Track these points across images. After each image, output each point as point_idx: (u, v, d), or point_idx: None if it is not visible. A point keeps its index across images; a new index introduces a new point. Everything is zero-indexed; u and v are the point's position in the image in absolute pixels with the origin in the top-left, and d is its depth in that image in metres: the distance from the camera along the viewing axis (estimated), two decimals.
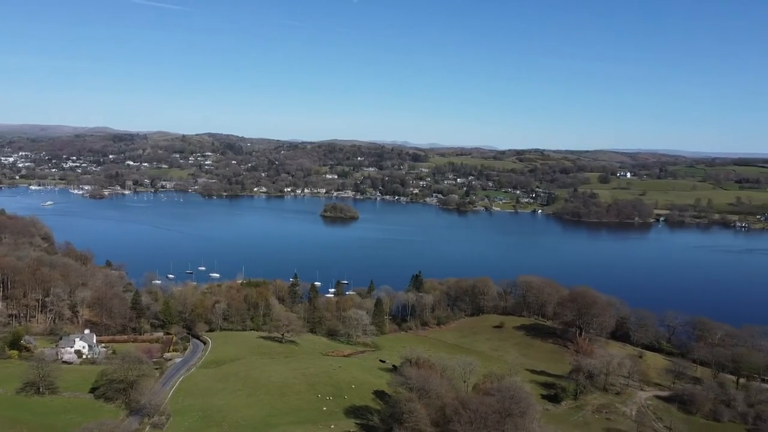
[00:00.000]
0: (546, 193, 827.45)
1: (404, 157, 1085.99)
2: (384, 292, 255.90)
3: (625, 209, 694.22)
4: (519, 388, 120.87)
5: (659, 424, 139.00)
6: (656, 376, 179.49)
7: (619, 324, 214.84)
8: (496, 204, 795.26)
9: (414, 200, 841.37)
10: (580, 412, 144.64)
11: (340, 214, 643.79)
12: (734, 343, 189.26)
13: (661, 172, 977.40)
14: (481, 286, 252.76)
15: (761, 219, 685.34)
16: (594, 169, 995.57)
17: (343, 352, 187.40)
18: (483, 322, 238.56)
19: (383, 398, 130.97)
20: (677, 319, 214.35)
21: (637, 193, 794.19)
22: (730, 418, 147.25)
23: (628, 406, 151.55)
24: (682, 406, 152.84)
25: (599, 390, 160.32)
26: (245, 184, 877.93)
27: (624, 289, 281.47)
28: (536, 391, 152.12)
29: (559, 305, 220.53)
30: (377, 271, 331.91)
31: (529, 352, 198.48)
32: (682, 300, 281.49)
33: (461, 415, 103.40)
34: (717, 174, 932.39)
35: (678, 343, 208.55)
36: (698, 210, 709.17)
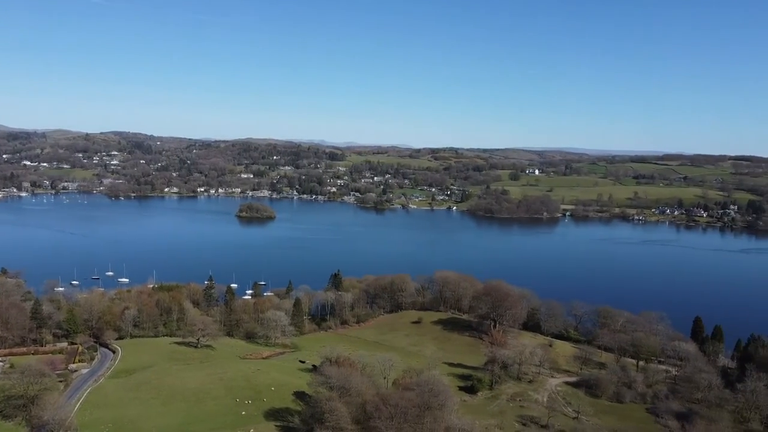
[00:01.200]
0: (460, 190, 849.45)
1: (321, 156, 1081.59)
2: (303, 292, 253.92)
3: (534, 205, 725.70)
4: (437, 382, 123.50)
5: (568, 409, 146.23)
6: (565, 363, 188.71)
7: (530, 315, 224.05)
8: (412, 202, 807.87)
9: (332, 199, 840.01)
10: (495, 402, 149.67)
11: (257, 214, 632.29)
12: (634, 328, 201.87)
13: (566, 169, 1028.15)
14: (399, 282, 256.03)
15: (656, 212, 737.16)
16: (505, 166, 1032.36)
17: (261, 355, 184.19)
18: (402, 318, 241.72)
19: (304, 399, 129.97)
20: (583, 309, 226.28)
21: (545, 190, 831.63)
22: (632, 398, 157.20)
23: (540, 393, 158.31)
24: (588, 390, 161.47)
25: (513, 379, 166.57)
26: (155, 184, 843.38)
27: (535, 281, 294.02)
28: (454, 383, 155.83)
29: (475, 299, 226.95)
30: (296, 271, 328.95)
31: (447, 346, 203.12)
32: (588, 290, 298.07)
33: (382, 411, 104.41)
34: (617, 171, 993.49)
35: (584, 331, 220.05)
36: (600, 204, 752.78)
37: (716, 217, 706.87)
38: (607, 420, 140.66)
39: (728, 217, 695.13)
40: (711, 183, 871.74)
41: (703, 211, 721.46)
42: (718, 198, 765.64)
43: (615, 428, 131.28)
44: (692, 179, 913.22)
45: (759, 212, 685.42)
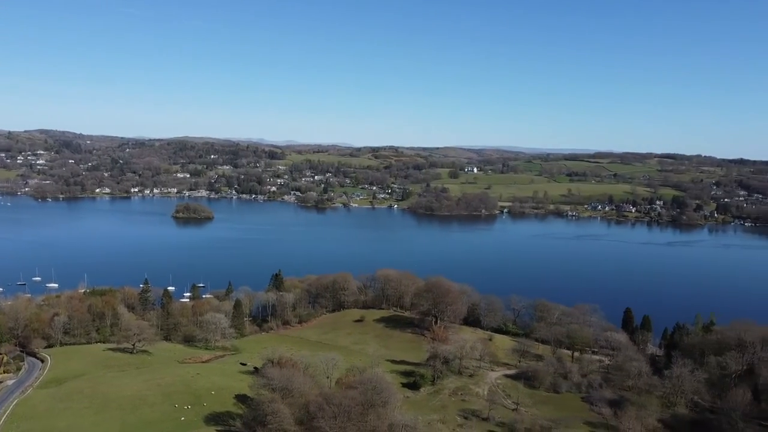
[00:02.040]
0: (401, 188, 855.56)
1: (260, 155, 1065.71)
2: (243, 293, 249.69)
3: (473, 202, 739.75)
4: (380, 379, 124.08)
5: (508, 401, 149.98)
6: (504, 356, 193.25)
7: (470, 310, 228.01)
8: (353, 200, 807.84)
9: (272, 198, 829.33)
10: (438, 397, 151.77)
11: (194, 215, 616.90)
12: (569, 321, 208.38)
13: (503, 167, 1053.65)
14: (341, 281, 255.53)
15: (588, 208, 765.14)
16: (444, 165, 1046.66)
17: (201, 358, 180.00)
18: (344, 317, 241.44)
19: (245, 402, 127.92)
20: (521, 303, 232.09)
21: (483, 187, 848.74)
22: (567, 388, 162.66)
23: (480, 386, 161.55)
24: (527, 382, 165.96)
25: (455, 374, 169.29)
26: (85, 185, 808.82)
27: (474, 277, 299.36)
28: (397, 380, 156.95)
29: (416, 296, 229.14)
30: (236, 272, 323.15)
31: (389, 343, 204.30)
32: (525, 284, 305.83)
33: (325, 410, 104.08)
34: (551, 168, 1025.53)
35: (522, 325, 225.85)
36: (536, 201, 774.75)
37: (644, 212, 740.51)
38: (545, 410, 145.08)
39: (655, 212, 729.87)
40: (639, 180, 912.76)
41: (631, 207, 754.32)
42: (645, 194, 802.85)
43: (552, 418, 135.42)
44: (622, 176, 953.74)
45: (682, 207, 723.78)
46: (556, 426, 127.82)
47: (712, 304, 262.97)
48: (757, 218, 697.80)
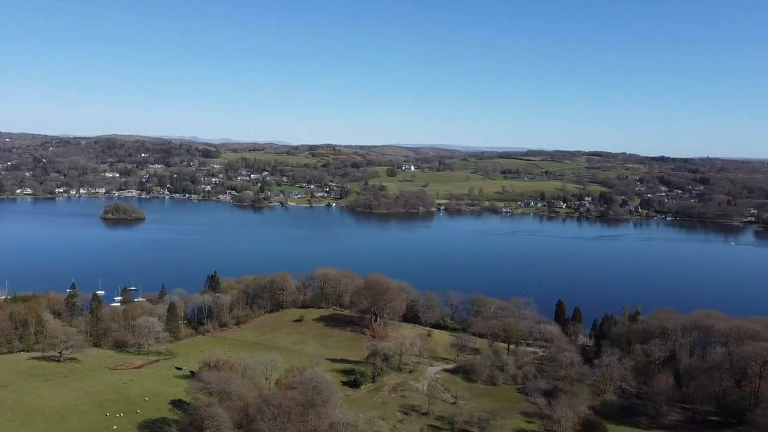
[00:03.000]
0: (339, 187, 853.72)
1: (194, 153, 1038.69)
2: (177, 296, 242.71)
3: (411, 200, 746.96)
4: (320, 378, 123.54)
5: (447, 395, 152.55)
6: (443, 351, 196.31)
7: (409, 307, 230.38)
8: (291, 199, 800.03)
9: (206, 198, 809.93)
10: (378, 394, 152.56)
11: (124, 216, 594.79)
12: (504, 314, 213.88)
13: (440, 165, 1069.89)
14: (279, 281, 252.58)
15: (521, 204, 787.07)
16: (382, 163, 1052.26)
17: (133, 364, 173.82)
18: (283, 317, 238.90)
19: (181, 407, 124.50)
20: (458, 298, 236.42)
21: (420, 185, 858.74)
22: (504, 380, 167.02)
23: (420, 381, 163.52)
24: (465, 376, 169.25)
25: (394, 370, 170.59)
26: (4, 185, 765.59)
27: (413, 273, 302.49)
28: (337, 378, 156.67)
29: (356, 294, 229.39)
30: (169, 274, 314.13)
31: (329, 342, 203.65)
32: (462, 280, 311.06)
33: (264, 412, 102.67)
34: (486, 166, 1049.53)
35: (460, 319, 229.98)
36: (472, 198, 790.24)
37: (574, 207, 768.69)
38: (482, 402, 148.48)
39: (584, 208, 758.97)
40: (569, 177, 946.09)
41: (562, 203, 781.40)
42: (575, 190, 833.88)
43: (489, 410, 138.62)
44: (553, 173, 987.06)
45: (609, 203, 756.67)
46: (493, 417, 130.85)
47: (638, 294, 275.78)
48: (677, 212, 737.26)
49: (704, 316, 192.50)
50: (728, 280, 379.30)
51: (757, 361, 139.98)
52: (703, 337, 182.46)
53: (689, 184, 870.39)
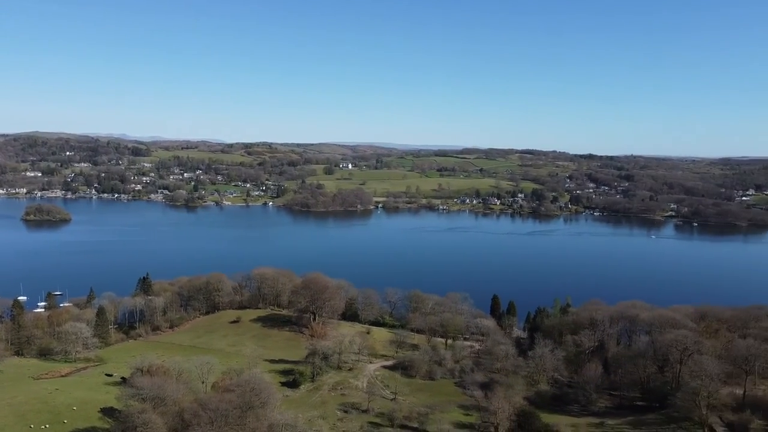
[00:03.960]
0: (276, 185, 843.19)
1: (123, 152, 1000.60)
2: (107, 300, 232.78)
3: (349, 198, 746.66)
4: (258, 380, 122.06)
5: (386, 391, 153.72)
6: (382, 348, 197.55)
7: (348, 305, 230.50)
8: (226, 198, 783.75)
9: (137, 197, 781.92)
10: (318, 393, 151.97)
11: (48, 217, 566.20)
12: (442, 310, 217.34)
13: (377, 163, 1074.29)
14: (215, 282, 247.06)
15: (457, 202, 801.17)
16: (319, 161, 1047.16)
17: (60, 372, 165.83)
18: (219, 319, 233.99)
19: (112, 415, 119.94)
20: (397, 295, 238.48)
21: (358, 183, 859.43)
22: (442, 375, 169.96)
23: (359, 379, 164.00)
24: (404, 372, 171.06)
25: (334, 369, 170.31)
26: None
27: (351, 272, 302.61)
28: (276, 379, 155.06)
29: (294, 293, 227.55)
30: (98, 277, 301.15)
31: (267, 343, 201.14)
32: (400, 277, 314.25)
33: (201, 416, 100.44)
34: (422, 164, 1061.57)
35: (398, 316, 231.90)
36: (409, 196, 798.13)
37: (507, 204, 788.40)
38: (421, 397, 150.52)
39: (517, 205, 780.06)
40: (502, 174, 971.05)
41: (496, 200, 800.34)
42: (508, 187, 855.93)
43: (428, 404, 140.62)
44: (487, 171, 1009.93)
45: (541, 199, 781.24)
46: (431, 412, 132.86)
47: (569, 287, 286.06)
48: (604, 208, 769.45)
49: (630, 306, 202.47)
50: (650, 271, 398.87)
51: (678, 347, 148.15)
52: (628, 326, 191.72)
53: (615, 180, 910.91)
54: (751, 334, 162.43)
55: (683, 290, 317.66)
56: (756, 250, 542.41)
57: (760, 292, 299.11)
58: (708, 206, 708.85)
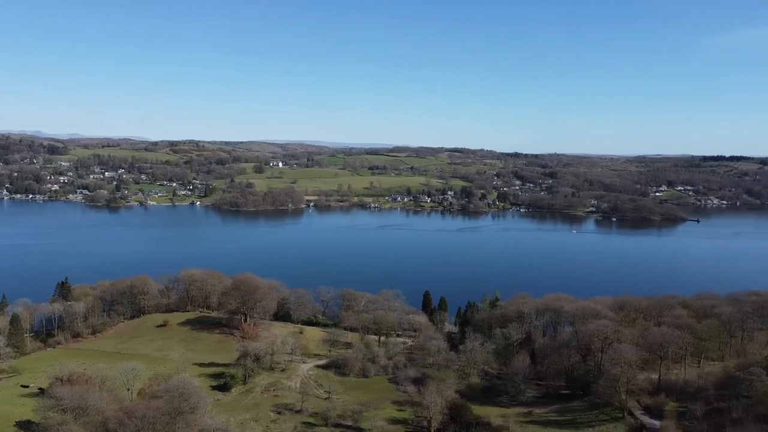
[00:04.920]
0: (203, 184, 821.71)
1: (38, 150, 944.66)
2: (22, 307, 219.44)
3: (280, 197, 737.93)
4: (188, 384, 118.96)
5: (320, 390, 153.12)
6: (315, 347, 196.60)
7: (280, 305, 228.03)
8: (151, 198, 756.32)
9: (54, 198, 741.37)
10: (250, 395, 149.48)
11: None
12: (375, 307, 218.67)
13: (308, 161, 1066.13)
14: (140, 285, 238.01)
15: (389, 200, 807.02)
16: (249, 159, 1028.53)
17: None
18: (145, 323, 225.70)
19: (29, 429, 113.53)
20: (329, 294, 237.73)
21: (289, 182, 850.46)
22: (376, 372, 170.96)
23: (292, 379, 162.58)
24: (338, 370, 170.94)
25: (266, 370, 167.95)
26: None
27: (283, 271, 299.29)
28: (206, 383, 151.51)
29: (224, 295, 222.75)
30: (11, 282, 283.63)
31: (197, 346, 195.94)
32: (333, 275, 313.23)
33: (127, 425, 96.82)
34: (354, 162, 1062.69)
35: (331, 315, 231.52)
36: (341, 194, 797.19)
37: (438, 201, 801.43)
38: (355, 395, 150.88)
39: (447, 202, 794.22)
40: (433, 172, 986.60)
41: (427, 197, 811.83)
42: (438, 185, 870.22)
43: (362, 402, 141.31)
44: (417, 169, 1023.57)
45: (470, 196, 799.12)
46: (365, 409, 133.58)
47: (497, 282, 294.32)
48: (530, 204, 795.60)
49: (555, 299, 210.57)
50: (574, 265, 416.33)
51: (599, 337, 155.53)
52: (554, 318, 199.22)
53: (540, 178, 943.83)
54: (665, 322, 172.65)
55: (604, 282, 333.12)
56: (668, 242, 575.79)
57: (672, 282, 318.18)
58: (625, 202, 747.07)
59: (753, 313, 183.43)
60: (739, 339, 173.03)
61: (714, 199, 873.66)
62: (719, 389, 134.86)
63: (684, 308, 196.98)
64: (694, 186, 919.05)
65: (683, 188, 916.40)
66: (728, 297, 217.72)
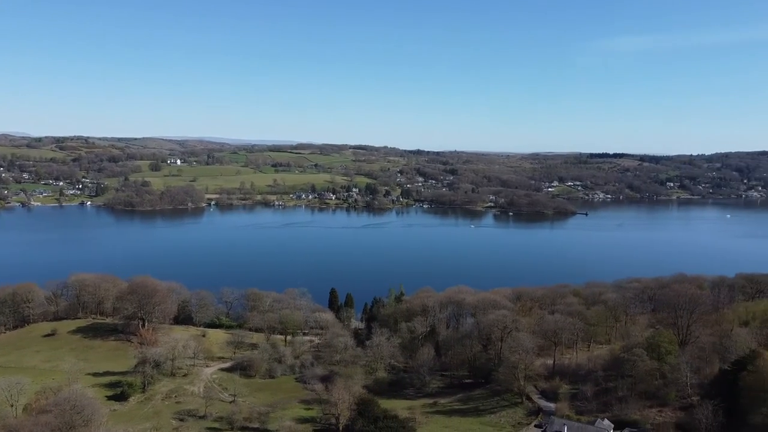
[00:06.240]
0: (94, 183, 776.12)
1: None
2: None
3: (178, 196, 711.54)
4: (80, 396, 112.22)
5: (225, 394, 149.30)
6: (219, 350, 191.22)
7: (181, 308, 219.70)
8: (35, 198, 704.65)
9: None
10: (150, 403, 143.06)
11: None
12: (280, 307, 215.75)
13: (209, 158, 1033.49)
14: (23, 293, 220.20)
15: (293, 197, 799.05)
16: (144, 157, 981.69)
17: None
18: (30, 332, 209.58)
19: None
20: (233, 295, 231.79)
21: (188, 180, 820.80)
22: (283, 372, 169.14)
23: (195, 384, 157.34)
24: (243, 372, 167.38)
25: (167, 376, 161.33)
26: None
27: (184, 273, 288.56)
28: (101, 393, 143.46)
29: (119, 299, 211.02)
30: None
31: (90, 355, 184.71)
32: (236, 275, 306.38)
33: None
34: (256, 159, 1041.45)
35: (235, 316, 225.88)
36: (244, 192, 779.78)
37: (343, 199, 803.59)
38: (262, 396, 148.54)
39: (352, 199, 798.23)
40: (337, 169, 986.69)
41: (332, 195, 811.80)
42: (343, 182, 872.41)
43: (269, 403, 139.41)
44: (322, 166, 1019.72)
45: (374, 193, 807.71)
46: (272, 410, 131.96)
47: (402, 277, 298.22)
48: (432, 200, 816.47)
49: (457, 292, 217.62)
50: (474, 258, 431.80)
51: (499, 326, 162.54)
52: (456, 310, 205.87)
53: (441, 174, 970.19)
54: (558, 309, 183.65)
55: (502, 274, 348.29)
56: (560, 235, 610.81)
57: (564, 272, 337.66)
58: (521, 197, 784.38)
59: (635, 298, 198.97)
60: (623, 323, 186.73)
61: (600, 194, 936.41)
62: (607, 370, 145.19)
63: (575, 296, 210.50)
64: (583, 181, 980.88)
65: (573, 183, 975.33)
66: (614, 284, 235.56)
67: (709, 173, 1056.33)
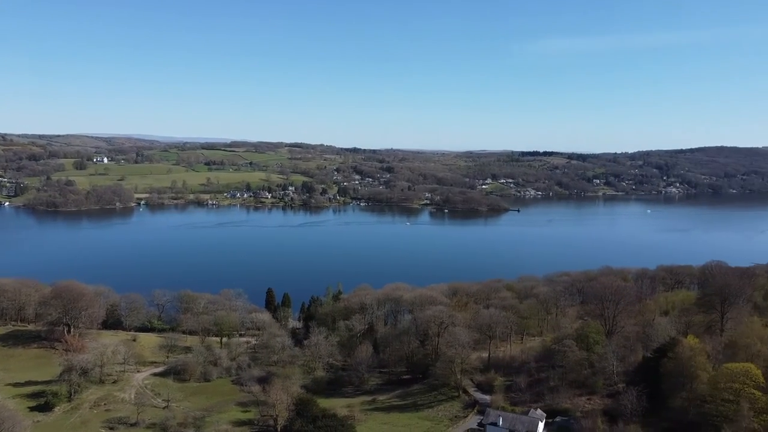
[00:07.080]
0: (13, 182, 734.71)
1: None
2: None
3: (106, 195, 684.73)
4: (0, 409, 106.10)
5: (158, 399, 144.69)
6: (151, 354, 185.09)
7: (110, 312, 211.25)
8: None
9: None
10: (77, 413, 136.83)
11: None
12: (215, 308, 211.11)
13: (138, 156, 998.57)
14: None
15: (227, 196, 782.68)
16: (68, 155, 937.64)
17: None
18: None
19: None
20: (165, 297, 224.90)
21: (116, 179, 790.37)
22: (218, 374, 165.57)
23: (126, 391, 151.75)
24: (177, 377, 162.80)
25: (96, 384, 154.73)
26: None
27: (112, 275, 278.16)
28: (23, 404, 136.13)
29: (42, 305, 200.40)
30: None
31: (10, 364, 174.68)
32: (168, 277, 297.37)
33: None
34: (188, 157, 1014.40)
35: (168, 319, 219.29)
36: (175, 191, 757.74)
37: (279, 197, 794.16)
38: (197, 401, 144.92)
39: (288, 197, 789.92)
40: (273, 168, 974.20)
41: (267, 193, 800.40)
42: (279, 181, 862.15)
43: (204, 407, 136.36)
44: (257, 164, 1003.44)
45: (311, 191, 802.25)
46: (208, 414, 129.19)
47: (339, 275, 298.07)
48: (369, 198, 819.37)
49: (394, 288, 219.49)
50: (410, 254, 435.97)
51: (435, 322, 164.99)
52: (394, 307, 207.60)
53: (378, 172, 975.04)
54: (493, 304, 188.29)
55: (438, 270, 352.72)
56: (494, 231, 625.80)
57: (498, 267, 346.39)
58: (456, 194, 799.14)
59: (565, 291, 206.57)
60: (554, 315, 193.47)
61: (531, 191, 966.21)
62: (539, 362, 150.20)
63: (509, 290, 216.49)
64: (515, 179, 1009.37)
65: (505, 181, 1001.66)
66: (545, 278, 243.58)
67: (632, 171, 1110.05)
